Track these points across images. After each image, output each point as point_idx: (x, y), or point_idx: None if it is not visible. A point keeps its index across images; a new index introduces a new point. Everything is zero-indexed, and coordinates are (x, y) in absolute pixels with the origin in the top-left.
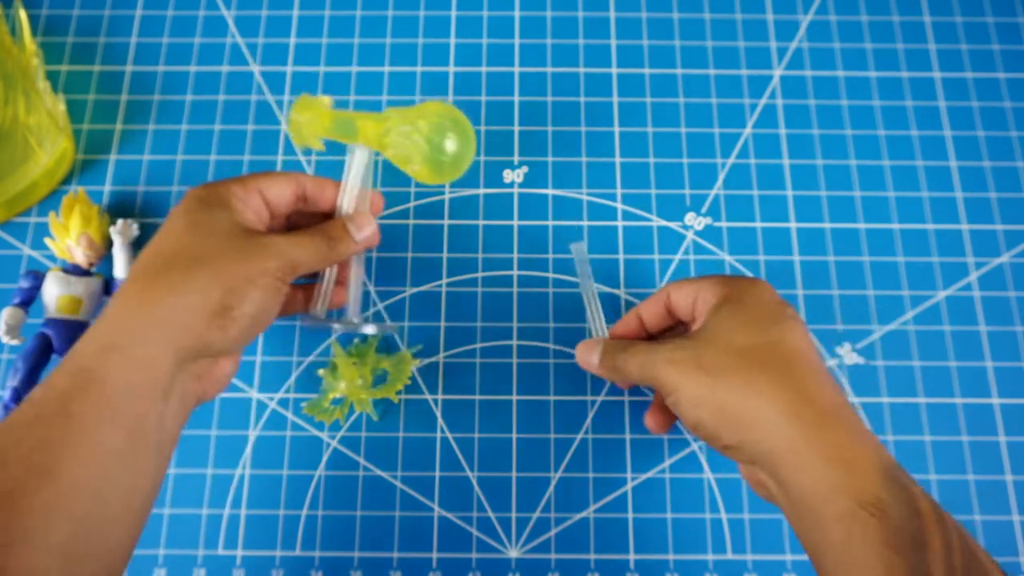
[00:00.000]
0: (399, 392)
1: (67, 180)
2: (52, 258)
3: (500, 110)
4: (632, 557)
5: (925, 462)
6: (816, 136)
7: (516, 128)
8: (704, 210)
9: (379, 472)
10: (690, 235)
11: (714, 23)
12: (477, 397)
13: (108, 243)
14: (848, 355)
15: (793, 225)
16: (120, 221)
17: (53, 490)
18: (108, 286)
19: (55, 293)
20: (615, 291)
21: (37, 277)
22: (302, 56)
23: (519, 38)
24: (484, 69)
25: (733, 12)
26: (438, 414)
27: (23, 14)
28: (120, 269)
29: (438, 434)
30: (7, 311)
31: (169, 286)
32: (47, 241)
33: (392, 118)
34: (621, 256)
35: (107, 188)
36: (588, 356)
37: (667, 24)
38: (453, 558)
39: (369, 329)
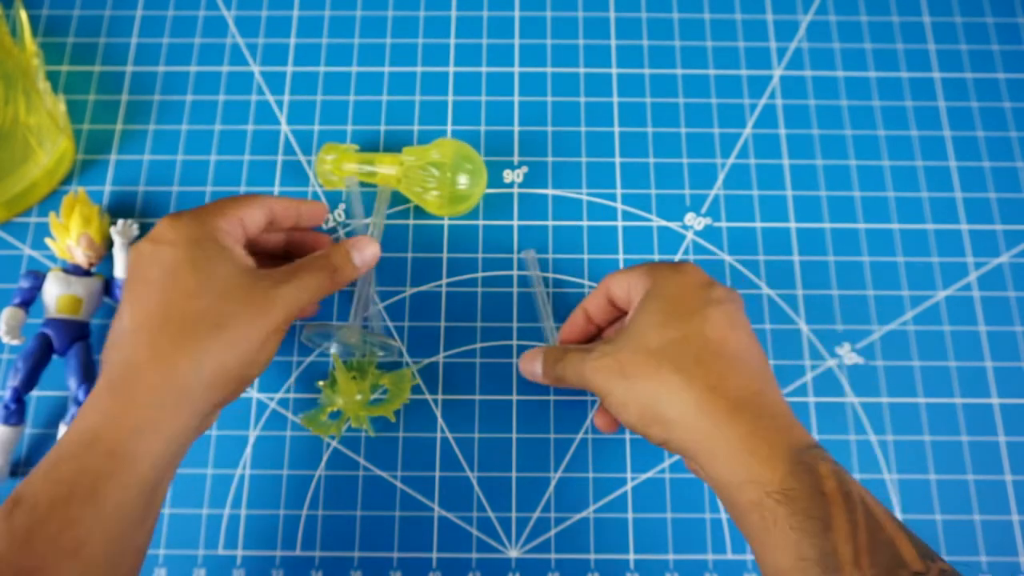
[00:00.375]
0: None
1: (67, 180)
2: (52, 258)
3: (500, 110)
4: (632, 557)
5: (925, 462)
6: (816, 136)
7: (516, 128)
8: (704, 210)
9: (379, 472)
10: (690, 235)
11: (714, 23)
12: (477, 397)
13: (108, 243)
14: (848, 355)
15: (793, 225)
16: (120, 221)
17: (76, 568)
18: (108, 286)
19: (55, 293)
20: None
21: (37, 277)
22: (302, 56)
23: (519, 38)
24: (484, 69)
25: (733, 12)
26: (438, 414)
27: (24, 14)
28: (120, 269)
29: (438, 434)
30: (7, 311)
31: (192, 356)
32: (47, 241)
33: (409, 156)
34: (621, 256)
35: (107, 188)
36: (531, 367)
37: (667, 24)
38: (453, 558)
39: (377, 352)
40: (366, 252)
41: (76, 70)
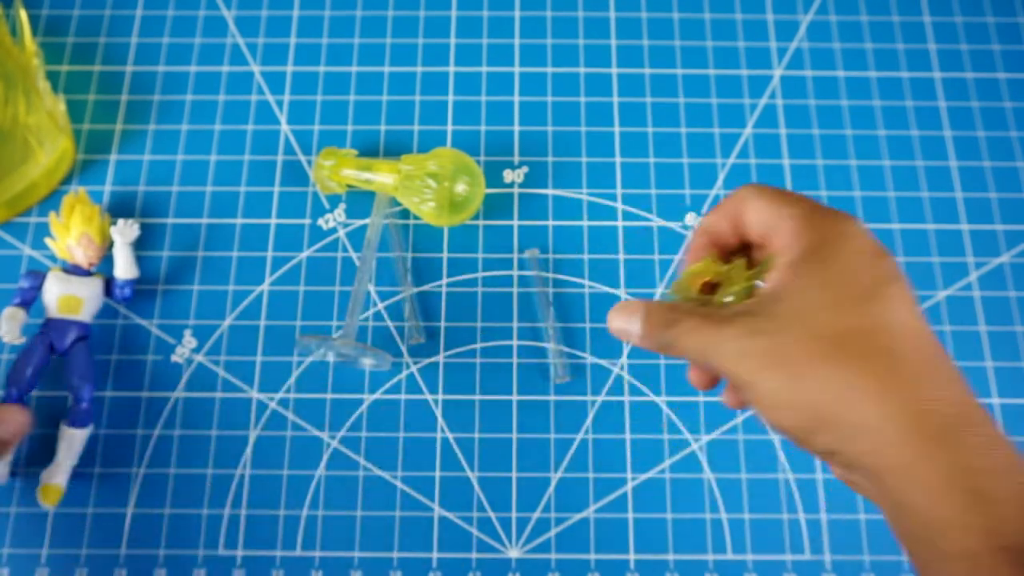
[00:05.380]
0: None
1: (67, 180)
2: (52, 258)
3: (500, 110)
4: (632, 557)
5: None
6: (816, 136)
7: (516, 128)
8: (704, 210)
9: (379, 472)
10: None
11: (714, 23)
12: (477, 397)
13: (109, 243)
14: None
15: None
16: (121, 221)
17: None
18: (109, 286)
19: (56, 293)
20: (615, 291)
21: (37, 277)
22: (302, 56)
23: (519, 38)
24: (484, 69)
25: (733, 12)
26: (438, 414)
27: (23, 14)
28: (121, 269)
29: (438, 434)
30: (7, 311)
31: None
32: (47, 241)
33: (406, 164)
34: (621, 256)
35: (107, 188)
36: (626, 325)
37: (667, 24)
38: (453, 558)
39: (367, 362)
40: (14, 427)
41: (76, 70)
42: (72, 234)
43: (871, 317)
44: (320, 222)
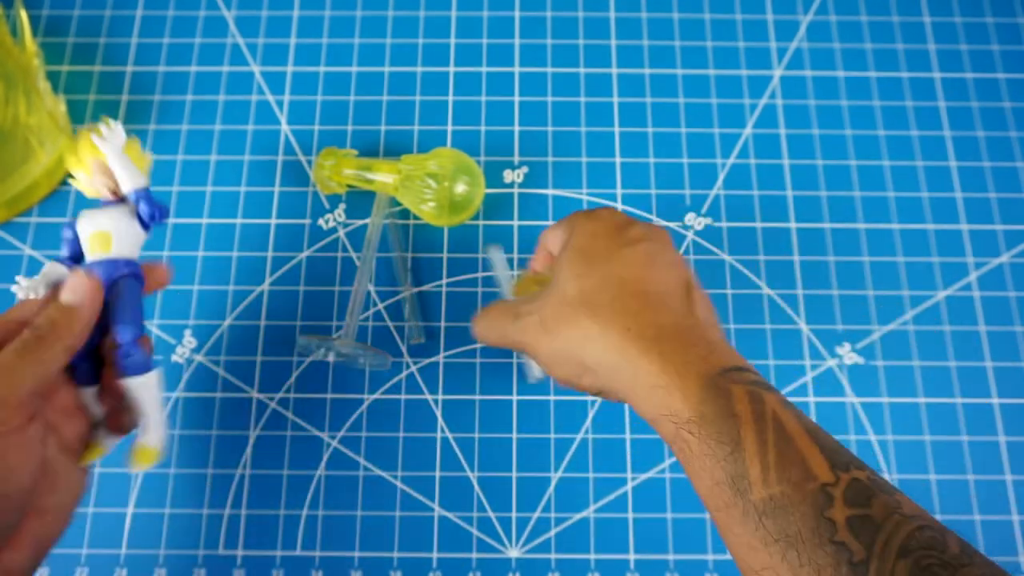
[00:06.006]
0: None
1: (68, 180)
2: (52, 257)
3: (500, 110)
4: (632, 557)
5: (925, 462)
6: (816, 136)
7: (516, 128)
8: (704, 210)
9: (379, 472)
10: (690, 235)
11: (714, 23)
12: (477, 397)
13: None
14: (848, 355)
15: (793, 225)
16: (100, 126)
17: None
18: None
19: (86, 233)
20: None
21: (70, 227)
22: (302, 56)
23: (519, 38)
24: (484, 69)
25: (733, 12)
26: (438, 414)
27: (24, 14)
28: (126, 184)
29: (438, 434)
30: (47, 265)
31: None
32: (73, 183)
33: (406, 164)
34: None
35: None
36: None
37: (667, 24)
38: (453, 558)
39: (367, 362)
40: (78, 290)
41: (76, 70)
42: (85, 166)
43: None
44: (320, 222)
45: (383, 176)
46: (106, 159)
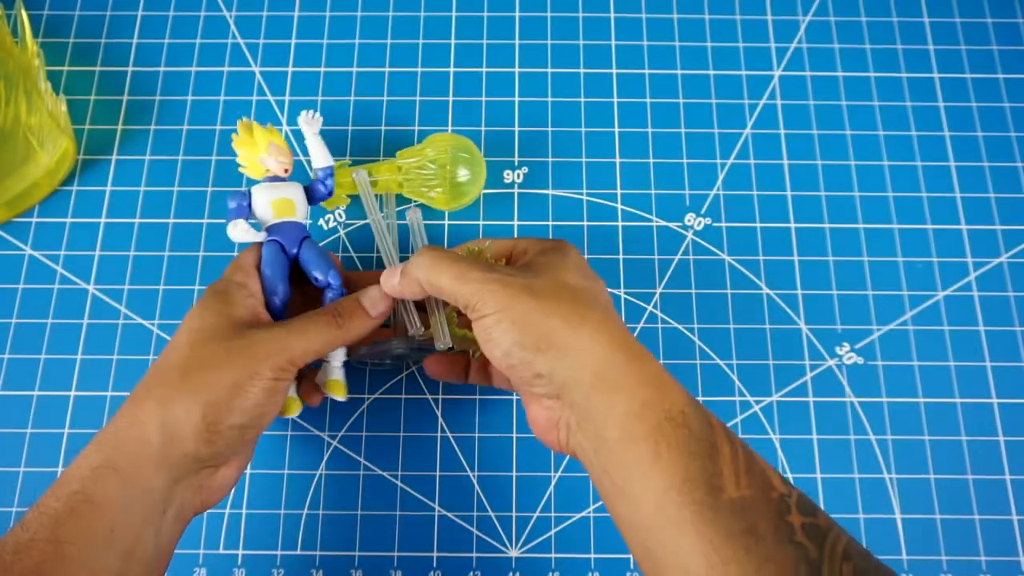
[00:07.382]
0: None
1: (68, 181)
2: (55, 259)
3: (500, 110)
4: (632, 557)
5: (925, 462)
6: (816, 136)
7: (516, 128)
8: (704, 210)
9: (379, 472)
10: (690, 235)
11: (714, 23)
12: (477, 397)
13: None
14: (847, 355)
15: (793, 225)
16: (305, 112)
17: None
18: (308, 190)
19: (267, 200)
20: (615, 291)
21: (244, 195)
22: (302, 56)
23: (519, 38)
24: (484, 69)
25: (733, 12)
26: (438, 414)
27: (24, 15)
28: (318, 159)
29: (438, 434)
30: (232, 224)
31: (159, 401)
32: (240, 164)
33: (404, 159)
34: (621, 256)
35: (108, 188)
36: (390, 279)
37: (667, 24)
38: (453, 558)
39: (440, 345)
40: (380, 305)
41: (77, 70)
42: (261, 146)
43: (595, 286)
44: (320, 222)
45: (385, 176)
46: (281, 141)
